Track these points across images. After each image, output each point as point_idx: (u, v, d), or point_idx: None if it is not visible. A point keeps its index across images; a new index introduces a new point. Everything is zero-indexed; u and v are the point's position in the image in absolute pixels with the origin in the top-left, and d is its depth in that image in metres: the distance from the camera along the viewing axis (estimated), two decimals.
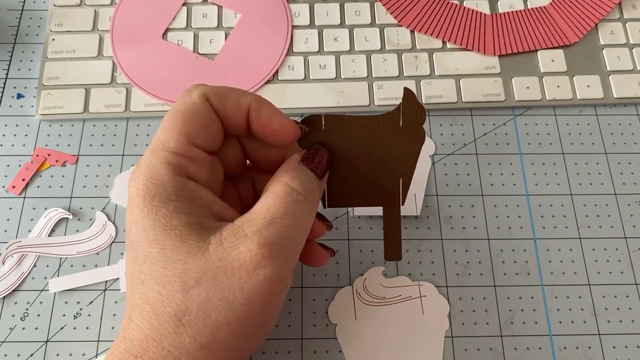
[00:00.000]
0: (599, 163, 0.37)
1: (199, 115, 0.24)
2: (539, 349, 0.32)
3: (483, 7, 0.41)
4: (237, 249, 0.22)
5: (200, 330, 0.22)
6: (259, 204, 0.24)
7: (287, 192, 0.24)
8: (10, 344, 0.31)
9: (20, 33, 0.40)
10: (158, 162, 0.23)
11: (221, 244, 0.22)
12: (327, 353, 0.31)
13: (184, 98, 0.24)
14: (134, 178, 0.23)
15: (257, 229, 0.22)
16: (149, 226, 0.22)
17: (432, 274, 0.33)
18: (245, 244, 0.22)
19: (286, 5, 0.41)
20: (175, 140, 0.23)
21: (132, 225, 0.23)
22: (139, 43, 0.39)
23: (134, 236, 0.23)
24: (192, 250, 0.22)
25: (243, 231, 0.23)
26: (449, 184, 0.36)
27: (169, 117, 0.24)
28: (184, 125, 0.24)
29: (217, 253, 0.22)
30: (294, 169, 0.25)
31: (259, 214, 0.23)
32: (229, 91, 0.25)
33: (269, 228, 0.23)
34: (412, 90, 0.27)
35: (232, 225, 0.23)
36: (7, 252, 0.33)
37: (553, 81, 0.39)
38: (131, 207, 0.23)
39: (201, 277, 0.22)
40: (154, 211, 0.23)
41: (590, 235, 0.35)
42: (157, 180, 0.23)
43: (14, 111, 0.37)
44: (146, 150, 0.24)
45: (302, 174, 0.25)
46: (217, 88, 0.25)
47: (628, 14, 0.41)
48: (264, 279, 0.22)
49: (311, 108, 0.37)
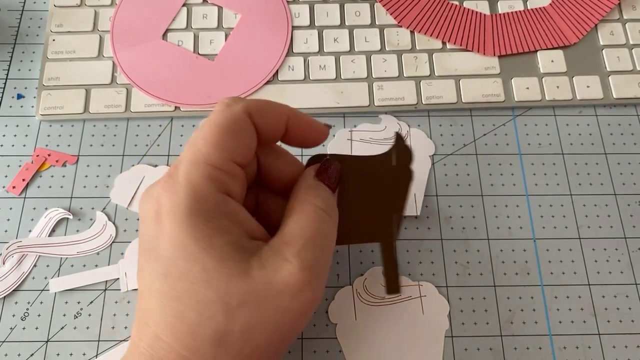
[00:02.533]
0: (598, 163, 0.37)
1: (243, 132, 0.24)
2: (539, 349, 0.32)
3: (483, 7, 0.41)
4: (280, 273, 0.22)
5: (240, 350, 0.22)
6: (291, 225, 0.24)
7: (314, 210, 0.24)
8: (10, 344, 0.31)
9: (20, 33, 0.40)
10: (200, 176, 0.22)
11: (263, 267, 0.22)
12: (327, 353, 0.31)
13: (225, 112, 0.24)
14: (167, 188, 0.22)
15: (296, 251, 0.23)
16: (189, 243, 0.22)
17: (432, 274, 0.33)
18: (287, 267, 0.22)
19: (286, 5, 0.41)
20: (219, 155, 0.23)
21: (164, 239, 0.22)
22: (139, 43, 0.39)
23: (167, 251, 0.22)
24: (235, 271, 0.22)
25: (283, 254, 0.23)
26: (448, 184, 0.36)
27: (211, 130, 0.23)
28: (227, 141, 0.23)
29: (261, 276, 0.22)
30: (315, 186, 0.26)
31: (294, 235, 0.24)
32: (269, 107, 0.25)
33: (307, 250, 0.23)
34: (402, 134, 0.31)
35: (269, 247, 0.23)
36: (7, 252, 0.33)
37: (553, 82, 0.39)
38: (162, 219, 0.22)
39: (245, 300, 0.22)
40: (194, 228, 0.22)
41: (590, 236, 0.35)
42: (198, 195, 0.22)
43: (14, 111, 0.38)
44: (183, 161, 0.23)
45: (322, 190, 0.26)
46: (257, 103, 0.25)
47: (628, 15, 0.41)
48: (305, 301, 0.23)
49: (311, 108, 0.37)
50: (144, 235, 0.23)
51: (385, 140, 0.37)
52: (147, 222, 0.23)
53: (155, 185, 0.23)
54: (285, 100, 0.37)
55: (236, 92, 0.38)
